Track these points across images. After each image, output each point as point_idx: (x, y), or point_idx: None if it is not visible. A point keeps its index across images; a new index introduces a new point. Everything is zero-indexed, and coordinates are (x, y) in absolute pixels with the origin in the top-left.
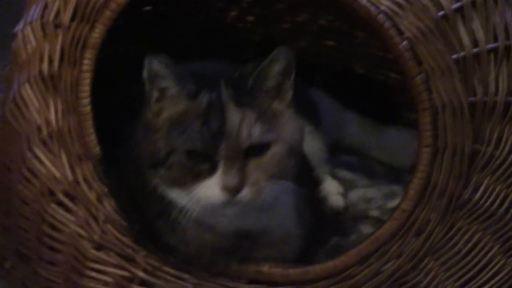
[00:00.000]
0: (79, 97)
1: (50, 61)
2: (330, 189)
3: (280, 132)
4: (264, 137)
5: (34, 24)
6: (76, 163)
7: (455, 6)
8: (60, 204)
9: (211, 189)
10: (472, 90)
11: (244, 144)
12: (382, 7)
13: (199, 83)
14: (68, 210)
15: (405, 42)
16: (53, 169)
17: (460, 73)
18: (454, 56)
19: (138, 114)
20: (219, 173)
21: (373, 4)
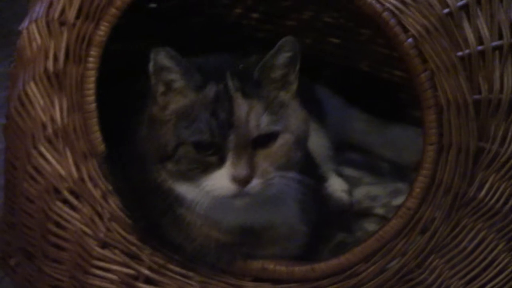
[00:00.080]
0: (84, 95)
1: (55, 59)
2: (335, 187)
3: (287, 123)
4: (272, 127)
5: (39, 22)
6: (81, 161)
7: (460, 4)
8: (65, 202)
9: (221, 181)
10: (477, 88)
11: (253, 134)
12: (387, 5)
13: (205, 76)
14: (73, 208)
15: (410, 40)
16: (58, 167)
17: (465, 71)
18: (459, 54)
19: (142, 110)
20: (228, 165)
21: (378, 2)
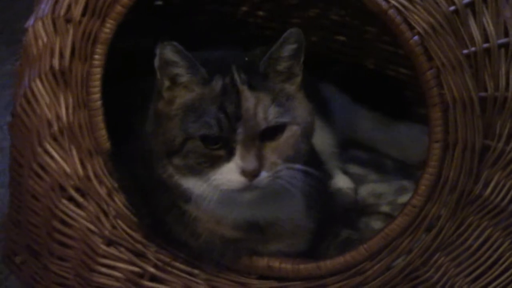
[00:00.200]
0: (90, 92)
1: (61, 56)
2: (340, 184)
3: (294, 115)
4: (280, 119)
5: (45, 19)
6: (87, 158)
7: (466, 1)
8: (71, 200)
9: (230, 174)
10: (483, 85)
11: (261, 127)
12: (393, 2)
13: (210, 69)
14: (79, 206)
15: (416, 37)
16: (64, 165)
17: (471, 68)
18: (465, 51)
19: (147, 107)
20: (237, 158)
21: None
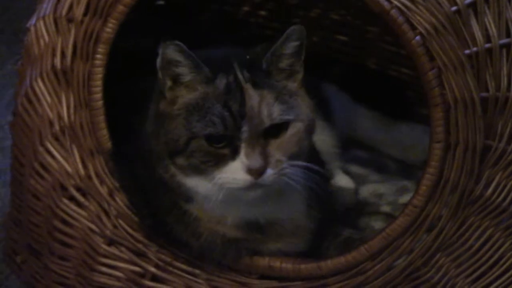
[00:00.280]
0: (91, 92)
1: (63, 56)
2: (341, 184)
3: (297, 111)
4: (284, 117)
5: (47, 19)
6: (88, 158)
7: (468, 1)
8: (72, 199)
9: (235, 173)
10: (484, 86)
11: (265, 124)
12: (395, 2)
13: (213, 68)
14: (80, 205)
15: (418, 37)
16: (65, 164)
17: (473, 69)
18: (467, 52)
19: (147, 107)
20: (242, 156)
21: None
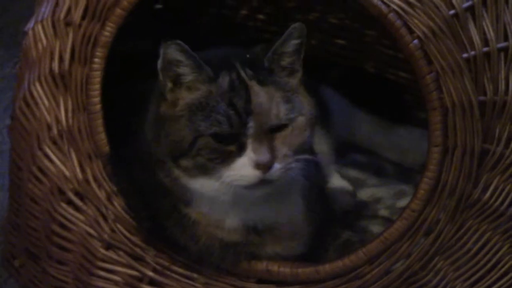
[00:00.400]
0: (89, 96)
1: (61, 60)
2: (340, 188)
3: (300, 107)
4: (289, 115)
5: (45, 22)
6: (86, 162)
7: (466, 5)
8: (70, 203)
9: (243, 169)
10: (482, 89)
11: (273, 122)
12: (393, 6)
13: (214, 67)
14: (78, 209)
15: (416, 41)
16: (63, 168)
17: (471, 72)
18: (465, 55)
19: (145, 110)
20: (249, 151)
21: (384, 3)
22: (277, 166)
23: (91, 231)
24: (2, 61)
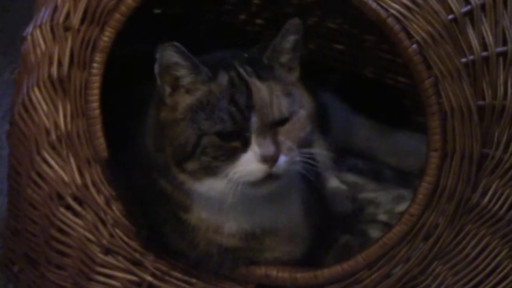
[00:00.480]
0: (88, 101)
1: (60, 64)
2: (339, 193)
3: (300, 101)
4: (291, 109)
5: (44, 27)
6: (85, 167)
7: (465, 10)
8: (69, 208)
9: (249, 164)
10: (481, 94)
11: (276, 117)
12: (392, 11)
13: (212, 67)
14: (77, 214)
15: (415, 46)
16: (62, 173)
17: (469, 77)
18: (463, 60)
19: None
20: (254, 146)
21: (383, 8)
22: (283, 159)
23: (90, 236)
24: (0, 67)
